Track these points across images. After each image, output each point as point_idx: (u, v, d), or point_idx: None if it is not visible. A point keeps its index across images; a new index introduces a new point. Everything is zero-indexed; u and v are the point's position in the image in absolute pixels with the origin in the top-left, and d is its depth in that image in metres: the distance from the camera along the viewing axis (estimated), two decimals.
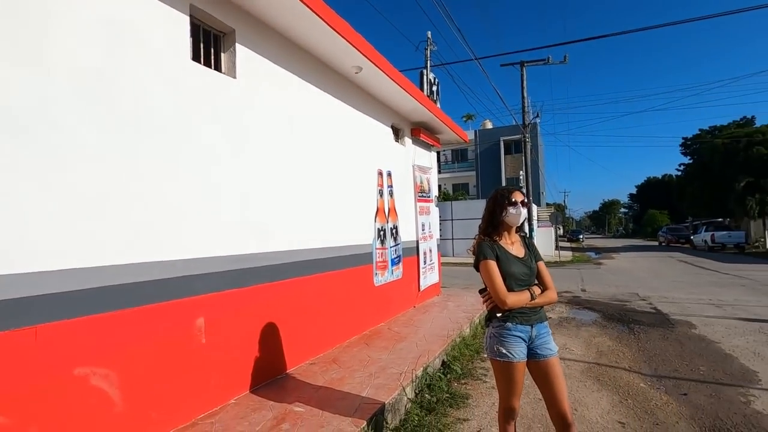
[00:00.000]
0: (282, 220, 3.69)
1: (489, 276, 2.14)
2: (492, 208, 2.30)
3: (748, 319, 6.56)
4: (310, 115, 4.18)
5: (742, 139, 24.81)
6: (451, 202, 20.87)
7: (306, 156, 4.07)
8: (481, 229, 2.35)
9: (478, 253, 2.23)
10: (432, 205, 7.50)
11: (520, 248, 2.29)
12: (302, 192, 3.99)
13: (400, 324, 5.46)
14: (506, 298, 2.08)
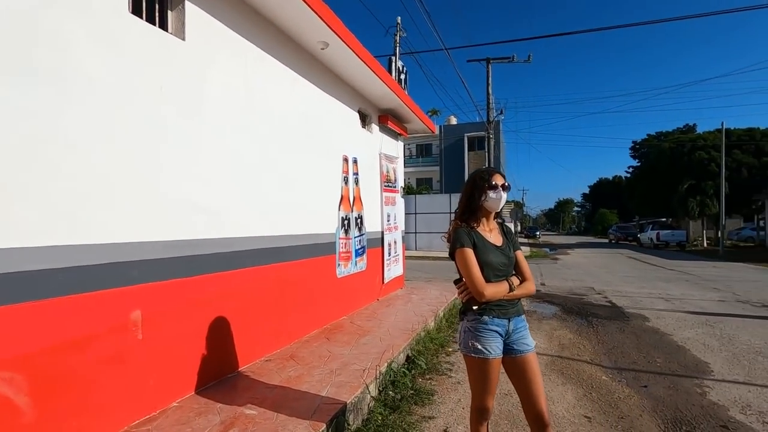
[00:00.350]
0: (237, 204, 3.35)
1: (465, 265, 1.95)
2: (470, 192, 2.11)
3: (695, 312, 6.88)
4: (271, 92, 3.83)
5: (687, 144, 26.44)
6: (415, 196, 20.85)
7: (266, 135, 3.73)
8: (457, 214, 2.16)
9: (454, 240, 2.03)
10: (398, 196, 7.31)
11: (498, 236, 2.12)
12: (261, 174, 3.66)
13: (364, 317, 5.24)
14: (484, 289, 1.90)
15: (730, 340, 5.21)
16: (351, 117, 5.57)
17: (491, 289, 1.92)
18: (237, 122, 3.36)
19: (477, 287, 1.91)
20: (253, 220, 3.54)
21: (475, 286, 1.91)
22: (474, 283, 1.92)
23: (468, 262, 1.95)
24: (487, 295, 1.91)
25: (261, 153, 3.66)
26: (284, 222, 3.98)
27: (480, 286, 1.90)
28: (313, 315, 4.49)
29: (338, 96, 5.15)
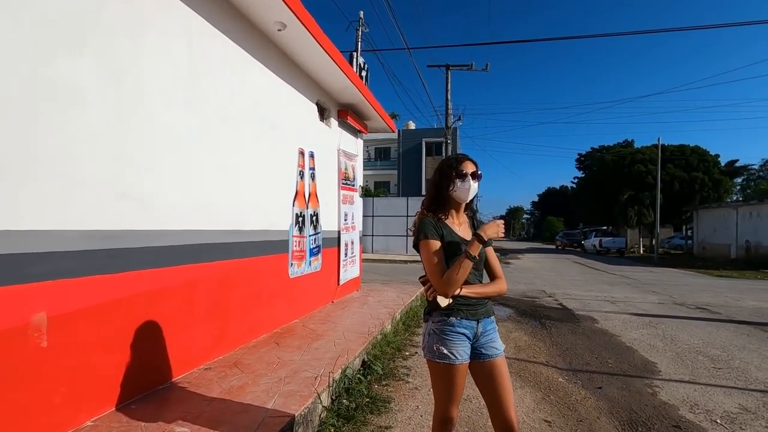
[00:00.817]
0: (174, 193, 2.97)
1: (430, 258, 1.76)
2: (437, 180, 1.92)
3: (639, 314, 7.18)
4: (219, 71, 3.48)
5: (627, 157, 28.29)
6: (373, 199, 20.70)
7: (211, 118, 3.37)
8: (424, 205, 1.97)
9: (419, 230, 1.84)
10: (356, 195, 7.07)
11: (467, 230, 1.94)
12: (203, 161, 3.29)
13: (317, 320, 4.93)
14: (449, 285, 1.71)
15: (673, 340, 5.44)
16: (309, 108, 5.28)
17: (456, 283, 1.72)
18: (177, 100, 2.99)
19: (441, 282, 1.71)
20: (193, 212, 3.16)
21: (439, 281, 1.72)
22: (438, 278, 1.72)
23: (433, 254, 1.76)
24: (452, 290, 1.71)
25: (204, 138, 3.29)
26: (230, 216, 3.62)
27: (445, 280, 1.71)
28: (262, 318, 4.14)
29: (296, 85, 4.84)
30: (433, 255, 1.76)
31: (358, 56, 8.83)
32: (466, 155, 1.94)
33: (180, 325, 3.00)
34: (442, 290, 1.72)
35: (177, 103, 2.98)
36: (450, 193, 1.87)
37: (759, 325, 6.45)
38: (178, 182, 3.01)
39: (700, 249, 23.83)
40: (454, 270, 1.70)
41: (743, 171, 30.59)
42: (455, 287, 1.71)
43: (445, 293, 1.72)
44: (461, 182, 1.84)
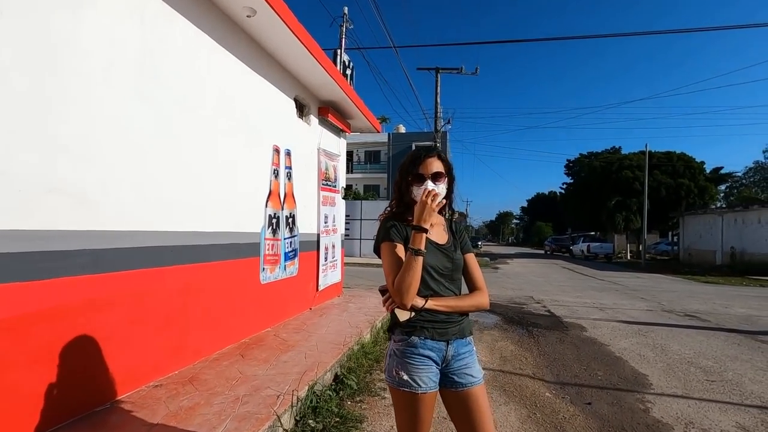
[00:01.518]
0: (123, 189, 2.66)
1: (389, 262, 1.49)
2: (398, 182, 1.66)
3: (628, 322, 6.99)
4: (179, 56, 3.18)
5: (615, 163, 28.47)
6: (361, 202, 20.42)
7: (170, 108, 3.07)
8: (391, 206, 1.70)
9: (379, 232, 1.58)
10: (338, 197, 6.79)
11: (442, 233, 1.67)
12: (161, 155, 2.98)
13: (291, 329, 4.63)
14: (401, 291, 1.41)
15: (663, 350, 5.24)
16: (285, 104, 4.99)
17: (408, 288, 1.41)
18: (126, 86, 2.68)
19: (398, 289, 1.42)
20: (147, 211, 2.85)
21: (396, 288, 1.43)
22: (393, 284, 1.45)
23: (392, 258, 1.49)
24: (409, 299, 1.43)
25: (163, 129, 2.99)
26: (192, 216, 3.31)
27: (396, 287, 1.43)
28: (227, 328, 3.82)
29: (270, 78, 4.56)
30: (392, 259, 1.49)
31: (341, 53, 8.54)
32: (430, 150, 1.63)
33: (127, 337, 2.68)
34: (398, 299, 1.44)
35: (126, 89, 2.68)
36: (412, 197, 1.60)
37: (749, 334, 6.30)
38: (129, 177, 2.70)
39: (686, 255, 23.98)
40: (405, 272, 1.41)
41: (728, 178, 31.01)
42: (409, 294, 1.42)
43: (403, 302, 1.44)
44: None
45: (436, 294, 1.54)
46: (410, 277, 1.41)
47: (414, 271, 1.42)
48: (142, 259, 2.79)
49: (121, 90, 2.64)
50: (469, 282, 1.68)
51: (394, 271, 1.46)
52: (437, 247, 1.62)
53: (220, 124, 3.68)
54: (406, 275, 1.41)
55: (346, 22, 8.63)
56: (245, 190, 4.11)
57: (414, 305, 1.46)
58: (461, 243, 1.72)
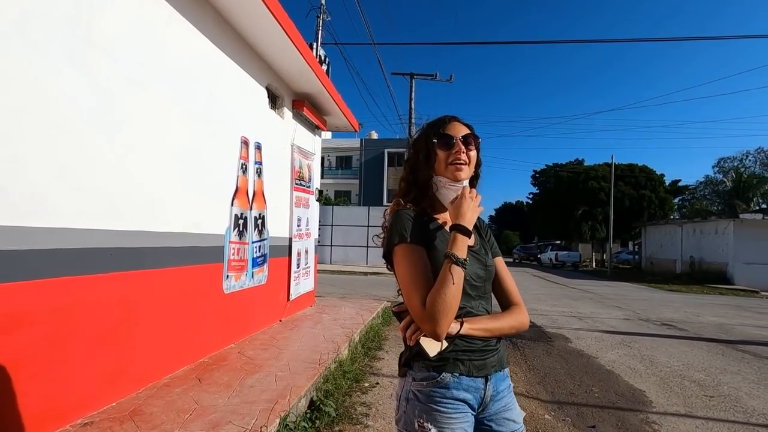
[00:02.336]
0: (41, 176, 2.10)
1: (410, 274, 1.06)
2: (413, 159, 1.25)
3: (609, 332, 6.84)
4: (125, 21, 2.64)
5: (582, 173, 29.29)
6: (333, 207, 19.85)
7: (112, 78, 2.52)
8: (398, 193, 1.28)
9: (392, 230, 1.14)
10: (312, 198, 6.29)
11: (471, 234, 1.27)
12: (99, 134, 2.43)
13: (259, 345, 4.08)
14: (440, 317, 0.99)
15: (652, 362, 5.05)
16: (256, 92, 4.48)
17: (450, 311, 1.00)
18: (51, 48, 2.13)
19: (426, 314, 1.00)
20: (77, 205, 2.29)
21: (423, 312, 1.01)
22: (421, 308, 1.01)
23: (414, 268, 1.06)
24: (445, 327, 1.01)
25: (100, 105, 2.44)
26: (138, 213, 2.75)
27: (430, 310, 1.00)
28: (182, 346, 3.25)
29: (241, 61, 4.05)
30: (414, 269, 1.06)
31: (318, 46, 8.06)
32: (454, 116, 1.25)
33: (46, 363, 2.10)
34: (429, 328, 1.01)
35: (51, 52, 2.13)
36: (431, 175, 1.19)
37: (729, 344, 6.26)
38: (54, 161, 2.14)
39: (648, 264, 24.81)
40: (442, 289, 1.00)
41: (684, 190, 32.58)
42: (447, 320, 1.00)
43: (435, 332, 1.01)
44: (443, 153, 1.17)
45: (469, 313, 1.12)
46: (450, 297, 0.99)
47: (456, 288, 1.01)
48: (68, 264, 2.22)
49: (42, 51, 2.09)
50: (503, 295, 1.27)
51: (419, 286, 1.03)
52: (469, 250, 1.21)
53: (178, 107, 3.14)
54: (444, 294, 0.99)
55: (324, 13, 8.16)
56: (208, 186, 3.57)
57: (448, 332, 1.03)
58: (489, 244, 1.32)
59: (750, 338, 6.76)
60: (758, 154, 29.21)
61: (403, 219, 1.14)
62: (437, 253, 1.10)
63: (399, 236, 1.11)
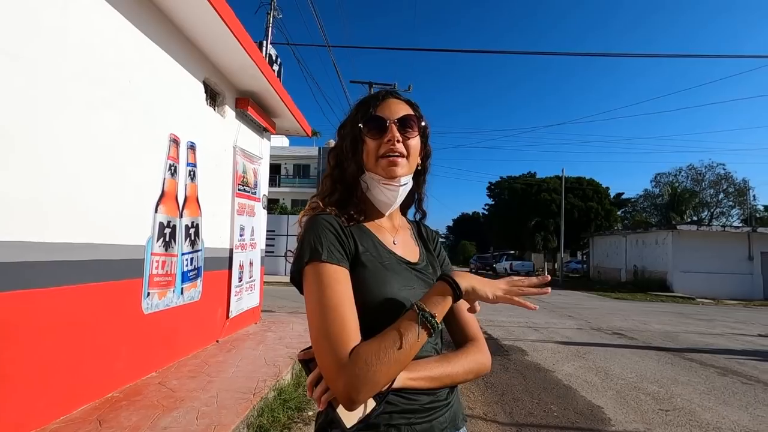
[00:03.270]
0: None
1: (323, 307, 0.73)
2: (339, 148, 0.93)
3: (564, 342, 6.81)
4: None
5: (534, 186, 30.36)
6: (288, 216, 19.13)
7: None
8: (321, 194, 0.95)
9: (304, 242, 0.81)
10: (258, 206, 5.81)
11: (411, 245, 0.97)
12: None
13: (186, 372, 3.56)
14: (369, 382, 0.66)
15: (607, 374, 4.99)
16: (191, 86, 4.01)
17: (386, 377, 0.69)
18: None
19: (346, 373, 0.67)
20: None
21: (346, 371, 0.67)
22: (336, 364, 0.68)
23: (331, 299, 0.74)
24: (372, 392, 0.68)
25: None
26: (20, 218, 2.23)
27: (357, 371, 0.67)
28: (82, 379, 2.70)
29: (170, 49, 3.58)
30: (329, 301, 0.73)
31: (267, 44, 7.60)
32: (391, 91, 0.94)
33: None
34: (343, 393, 0.67)
35: None
36: (360, 171, 0.90)
37: (676, 352, 6.39)
38: None
39: (596, 273, 25.93)
40: (386, 348, 0.69)
41: (627, 203, 34.59)
42: (376, 389, 0.69)
43: (350, 400, 0.67)
44: (373, 142, 0.87)
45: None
46: (391, 365, 0.69)
47: (406, 356, 0.71)
48: None
49: None
50: (456, 327, 0.96)
51: (335, 326, 0.71)
52: (409, 267, 0.89)
53: (86, 94, 2.65)
54: (385, 356, 0.68)
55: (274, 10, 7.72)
56: (122, 188, 3.06)
57: None
58: (440, 261, 1.02)
59: (694, 345, 6.97)
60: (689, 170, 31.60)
61: (319, 227, 0.81)
62: (366, 278, 0.79)
63: (312, 251, 0.78)
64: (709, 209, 30.09)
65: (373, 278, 0.80)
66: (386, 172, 0.86)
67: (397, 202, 0.92)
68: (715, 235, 18.81)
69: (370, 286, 0.79)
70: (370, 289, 0.79)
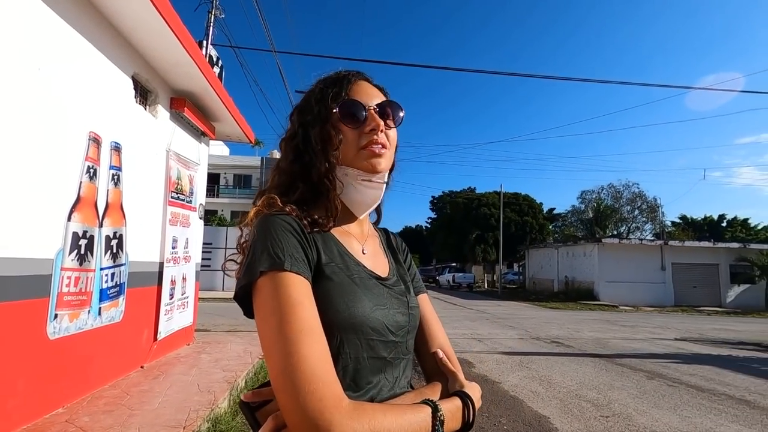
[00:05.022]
0: None
1: (294, 332, 0.55)
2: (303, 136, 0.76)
3: (507, 353, 6.95)
4: None
5: (475, 200, 31.58)
6: (227, 228, 18.14)
7: None
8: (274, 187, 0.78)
9: (256, 248, 0.63)
10: (195, 216, 5.35)
11: (381, 256, 0.83)
12: None
13: (102, 406, 3.08)
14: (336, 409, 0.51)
15: (549, 383, 5.12)
16: (117, 81, 3.60)
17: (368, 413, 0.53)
18: None
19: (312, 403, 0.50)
20: None
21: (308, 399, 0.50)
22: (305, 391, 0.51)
23: (306, 319, 0.57)
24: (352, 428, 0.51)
25: None
26: None
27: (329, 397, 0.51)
28: None
29: (93, 38, 3.18)
30: (302, 320, 0.56)
31: (208, 44, 7.13)
32: (361, 72, 0.81)
33: None
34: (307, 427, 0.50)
35: None
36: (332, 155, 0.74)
37: (608, 358, 6.76)
38: None
39: (531, 283, 27.32)
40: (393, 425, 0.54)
41: (558, 217, 37.06)
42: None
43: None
44: (351, 132, 0.74)
45: (380, 393, 0.65)
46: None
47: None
48: None
49: None
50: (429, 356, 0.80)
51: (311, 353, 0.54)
52: (380, 281, 0.74)
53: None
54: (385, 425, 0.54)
55: (216, 9, 7.29)
56: (22, 192, 2.61)
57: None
58: (411, 276, 0.89)
59: (623, 351, 7.43)
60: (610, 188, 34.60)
61: (277, 230, 0.64)
62: (333, 295, 0.64)
63: (270, 257, 0.60)
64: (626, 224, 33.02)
65: (340, 295, 0.65)
66: (369, 165, 0.72)
67: (377, 202, 0.78)
68: (634, 247, 20.63)
69: (336, 305, 0.63)
70: (336, 308, 0.63)
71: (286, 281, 0.58)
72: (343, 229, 0.76)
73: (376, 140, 0.72)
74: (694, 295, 20.02)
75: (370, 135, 0.72)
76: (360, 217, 0.79)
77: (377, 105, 0.74)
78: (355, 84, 0.77)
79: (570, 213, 36.92)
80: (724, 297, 20.34)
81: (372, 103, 0.74)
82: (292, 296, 0.57)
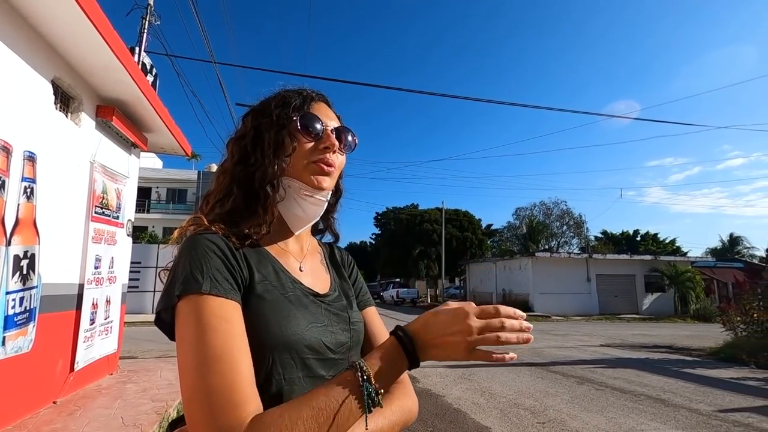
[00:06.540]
0: None
1: (206, 356, 0.53)
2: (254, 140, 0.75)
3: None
4: None
5: (418, 216, 32.29)
6: (158, 246, 16.92)
7: None
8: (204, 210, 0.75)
9: (177, 270, 0.61)
10: (122, 232, 4.94)
11: (321, 272, 0.82)
12: None
13: None
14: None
15: (491, 394, 5.28)
16: (33, 84, 3.28)
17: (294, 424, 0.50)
18: None
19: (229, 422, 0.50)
20: None
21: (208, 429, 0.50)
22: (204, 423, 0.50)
23: (220, 343, 0.55)
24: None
25: None
26: None
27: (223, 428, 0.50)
28: None
29: (4, 35, 2.88)
30: (215, 345, 0.54)
31: (141, 51, 6.68)
32: (321, 93, 0.82)
33: None
34: None
35: None
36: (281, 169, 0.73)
37: (542, 366, 7.13)
38: None
39: (472, 297, 28.23)
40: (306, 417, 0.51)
41: (495, 233, 38.91)
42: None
43: None
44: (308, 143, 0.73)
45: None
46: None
47: None
48: None
49: None
50: None
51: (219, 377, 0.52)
52: (320, 300, 0.73)
53: None
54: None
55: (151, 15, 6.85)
56: None
57: None
58: (356, 290, 0.88)
59: (556, 359, 7.89)
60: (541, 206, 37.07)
61: (200, 249, 0.62)
62: (265, 314, 0.62)
63: (187, 280, 0.58)
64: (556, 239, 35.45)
65: (273, 314, 0.63)
66: (315, 181, 0.73)
67: (315, 219, 0.79)
68: (563, 260, 22.16)
69: (269, 324, 0.62)
70: (269, 327, 0.62)
71: (203, 304, 0.57)
72: (279, 247, 0.76)
73: (326, 159, 0.74)
74: (616, 304, 21.82)
75: (322, 152, 0.73)
76: (296, 233, 0.79)
77: (334, 128, 0.76)
78: (317, 103, 0.79)
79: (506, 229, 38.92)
80: (641, 305, 22.38)
81: (330, 124, 0.76)
82: (204, 321, 0.55)
